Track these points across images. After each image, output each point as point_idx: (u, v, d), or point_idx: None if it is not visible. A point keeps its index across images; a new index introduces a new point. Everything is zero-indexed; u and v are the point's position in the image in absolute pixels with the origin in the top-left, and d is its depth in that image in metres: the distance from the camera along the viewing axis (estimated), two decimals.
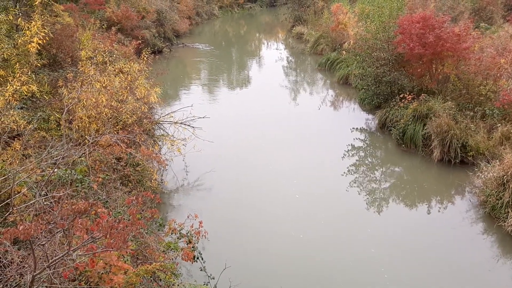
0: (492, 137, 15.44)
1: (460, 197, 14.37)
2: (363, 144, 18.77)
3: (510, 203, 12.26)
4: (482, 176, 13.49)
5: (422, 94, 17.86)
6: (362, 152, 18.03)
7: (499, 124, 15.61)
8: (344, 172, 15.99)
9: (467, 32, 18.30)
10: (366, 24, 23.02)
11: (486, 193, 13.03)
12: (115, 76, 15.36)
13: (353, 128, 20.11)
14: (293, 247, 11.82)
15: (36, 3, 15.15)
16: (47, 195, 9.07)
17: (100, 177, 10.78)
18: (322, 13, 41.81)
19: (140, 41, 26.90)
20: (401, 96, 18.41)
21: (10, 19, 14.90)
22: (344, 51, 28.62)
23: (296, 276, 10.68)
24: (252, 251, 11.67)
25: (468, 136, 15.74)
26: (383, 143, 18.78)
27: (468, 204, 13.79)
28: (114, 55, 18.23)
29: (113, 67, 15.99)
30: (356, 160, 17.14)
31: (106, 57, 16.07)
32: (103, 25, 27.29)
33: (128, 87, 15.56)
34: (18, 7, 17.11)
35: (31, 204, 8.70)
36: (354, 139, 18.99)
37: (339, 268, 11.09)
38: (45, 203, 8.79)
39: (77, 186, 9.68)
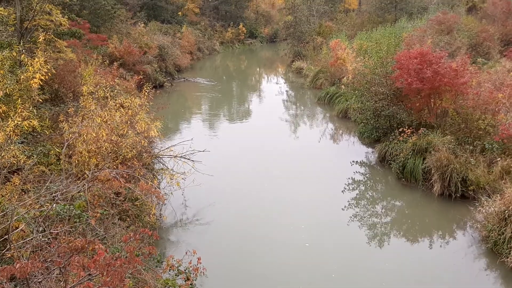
0: (492, 171, 15.41)
1: (462, 232, 14.22)
2: (363, 178, 18.72)
3: None
4: (483, 210, 13.39)
5: (421, 128, 17.95)
6: (362, 186, 17.96)
7: (499, 158, 15.61)
8: (345, 206, 15.89)
9: (465, 67, 18.55)
10: (364, 59, 23.37)
11: (488, 228, 12.90)
12: (116, 111, 15.47)
13: (353, 161, 20.11)
14: (293, 281, 11.61)
15: (40, 39, 15.44)
16: (45, 231, 9.01)
17: (98, 213, 10.71)
18: (321, 48, 42.55)
19: (142, 76, 27.26)
20: (400, 130, 18.49)
21: (13, 55, 15.15)
22: (343, 86, 28.98)
23: None
24: None
25: (468, 170, 15.71)
26: (383, 176, 18.74)
27: (470, 239, 13.63)
28: (116, 90, 18.43)
29: (114, 102, 16.13)
30: (357, 194, 17.06)
31: (107, 92, 16.24)
32: (105, 60, 27.71)
33: (129, 122, 15.66)
34: (22, 43, 17.41)
35: (28, 240, 8.62)
36: (354, 172, 18.96)
37: None
38: (42, 239, 8.72)
39: (75, 222, 9.61)
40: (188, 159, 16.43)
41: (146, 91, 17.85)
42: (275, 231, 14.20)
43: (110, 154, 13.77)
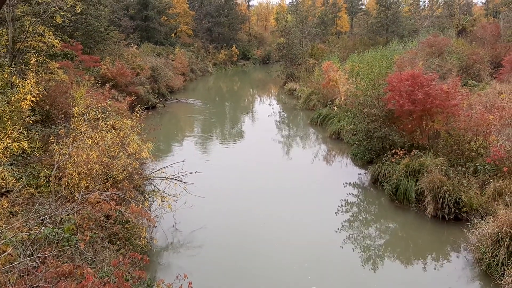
0: (485, 193, 15.39)
1: (456, 254, 14.11)
2: (357, 200, 18.64)
3: (506, 260, 12.03)
4: (477, 232, 13.31)
5: (414, 150, 17.99)
6: (355, 208, 17.87)
7: (491, 180, 15.61)
8: (338, 228, 15.76)
9: (456, 89, 18.71)
10: (356, 81, 23.54)
11: (481, 250, 12.81)
12: (107, 132, 15.38)
13: (346, 183, 20.06)
14: None
15: (32, 61, 15.40)
16: (32, 255, 8.81)
17: (87, 236, 10.51)
18: (313, 70, 42.95)
19: (134, 97, 27.22)
20: (393, 151, 18.52)
21: (5, 76, 15.08)
22: (335, 107, 29.12)
23: None
24: None
25: (461, 192, 15.68)
26: (376, 198, 18.67)
27: (464, 262, 13.52)
28: (107, 112, 18.35)
29: (105, 124, 16.04)
30: (350, 216, 16.95)
31: (98, 114, 16.16)
32: (98, 81, 27.70)
33: (120, 143, 15.55)
34: (13, 64, 17.37)
35: (15, 264, 8.41)
36: (347, 194, 18.89)
37: None
38: (30, 263, 8.51)
39: (63, 246, 9.41)
40: (180, 180, 16.28)
41: (138, 113, 17.79)
42: (268, 254, 14.02)
43: (100, 176, 13.62)
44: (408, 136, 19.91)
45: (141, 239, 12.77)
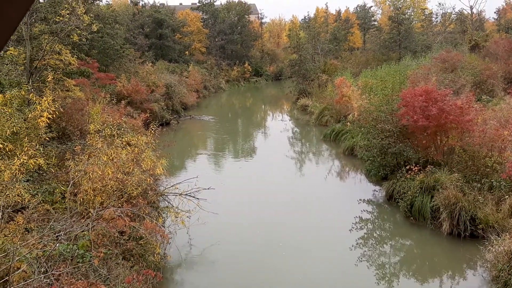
0: (501, 210, 15.15)
1: (472, 271, 13.87)
2: (371, 216, 18.47)
3: None
4: (493, 250, 13.08)
5: (428, 166, 17.81)
6: (370, 225, 17.70)
7: (507, 196, 15.38)
8: (352, 245, 15.60)
9: (470, 104, 18.58)
10: (369, 96, 23.49)
11: (498, 268, 12.56)
12: (122, 149, 15.53)
13: (360, 199, 19.90)
14: None
15: (49, 79, 15.68)
16: (47, 271, 8.87)
17: (102, 252, 10.56)
18: (326, 86, 42.98)
19: (149, 114, 27.49)
20: (407, 167, 18.35)
21: (22, 94, 15.36)
22: (348, 123, 29.05)
23: None
24: None
25: (476, 209, 15.45)
26: (391, 215, 18.48)
27: (480, 280, 13.27)
28: (123, 128, 18.57)
29: (120, 140, 16.21)
30: (365, 233, 16.77)
31: (114, 130, 16.35)
32: (113, 98, 28.06)
33: (135, 160, 15.68)
34: (31, 82, 17.70)
35: (30, 281, 8.48)
36: (361, 211, 18.72)
37: None
38: (44, 280, 8.56)
39: (78, 262, 9.46)
40: (193, 196, 16.33)
41: (152, 129, 17.96)
42: (282, 271, 13.92)
43: (115, 192, 13.72)
44: (423, 152, 19.75)
45: (155, 255, 12.79)
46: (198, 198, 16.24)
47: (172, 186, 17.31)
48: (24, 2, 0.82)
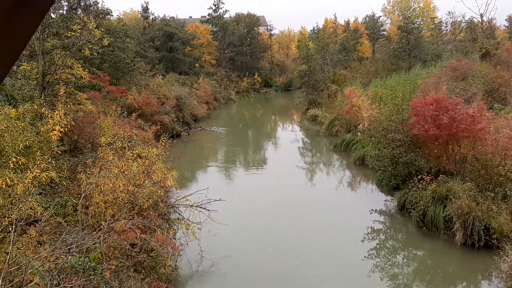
0: None
1: (487, 282, 13.64)
2: (383, 227, 18.31)
3: None
4: (508, 260, 12.87)
5: (440, 175, 17.65)
6: (382, 235, 17.54)
7: None
8: (364, 256, 15.45)
9: (481, 113, 18.43)
10: (379, 106, 23.41)
11: None
12: (133, 161, 15.62)
13: (372, 209, 19.73)
14: None
15: (61, 93, 15.88)
16: (59, 284, 8.90)
17: (113, 265, 10.58)
18: (335, 96, 42.94)
19: (159, 126, 27.66)
20: (419, 177, 18.20)
21: (35, 108, 15.56)
22: (359, 132, 28.94)
23: None
24: None
25: (490, 218, 15.24)
26: (403, 225, 18.30)
27: None
28: (133, 141, 18.68)
29: (131, 152, 16.31)
30: (377, 244, 16.61)
31: (125, 143, 16.46)
32: (124, 111, 28.29)
33: (146, 172, 15.75)
34: (43, 96, 17.93)
35: None
36: (373, 221, 18.56)
37: None
38: None
39: (89, 275, 9.49)
40: (204, 208, 16.33)
41: (163, 141, 18.05)
42: (293, 282, 13.82)
43: (126, 204, 13.78)
44: (434, 161, 19.58)
45: (166, 267, 12.78)
46: (209, 210, 16.23)
47: (183, 198, 17.33)
48: (35, 19, 0.84)
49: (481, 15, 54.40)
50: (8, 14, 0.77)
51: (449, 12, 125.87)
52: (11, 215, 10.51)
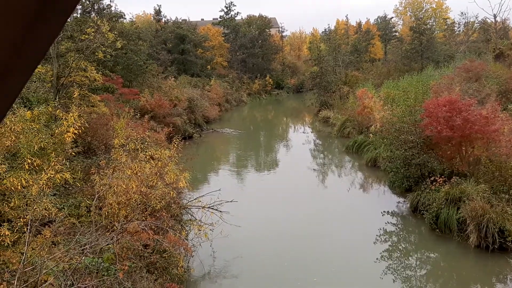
0: None
1: (502, 285, 13.52)
2: (396, 229, 18.20)
3: None
4: None
5: (454, 177, 17.50)
6: (395, 237, 17.44)
7: None
8: (377, 258, 15.37)
9: (495, 114, 18.26)
10: (392, 107, 23.30)
11: None
12: (146, 163, 15.73)
13: (384, 211, 19.63)
14: None
15: (75, 95, 16.07)
16: (73, 284, 9.00)
17: (126, 265, 10.67)
18: (347, 97, 42.76)
19: (172, 128, 27.79)
20: (432, 178, 18.06)
21: (49, 110, 15.76)
22: (371, 134, 28.81)
23: None
24: None
25: (505, 220, 15.08)
26: (416, 227, 18.17)
27: None
28: (146, 142, 18.80)
29: (144, 154, 16.42)
30: (389, 246, 16.53)
31: (138, 144, 16.58)
32: (137, 113, 28.48)
33: (158, 173, 15.85)
34: (57, 98, 18.14)
35: None
36: (385, 223, 18.46)
37: None
38: None
39: (103, 275, 9.58)
40: (216, 209, 16.38)
41: (175, 143, 18.14)
42: (306, 285, 13.79)
43: (139, 205, 13.88)
44: (448, 163, 19.42)
45: (179, 268, 12.85)
46: (221, 211, 16.29)
47: (195, 199, 17.42)
48: (60, 18, 0.86)
49: (495, 16, 53.82)
50: (34, 14, 0.78)
51: (462, 13, 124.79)
52: (26, 215, 10.67)
